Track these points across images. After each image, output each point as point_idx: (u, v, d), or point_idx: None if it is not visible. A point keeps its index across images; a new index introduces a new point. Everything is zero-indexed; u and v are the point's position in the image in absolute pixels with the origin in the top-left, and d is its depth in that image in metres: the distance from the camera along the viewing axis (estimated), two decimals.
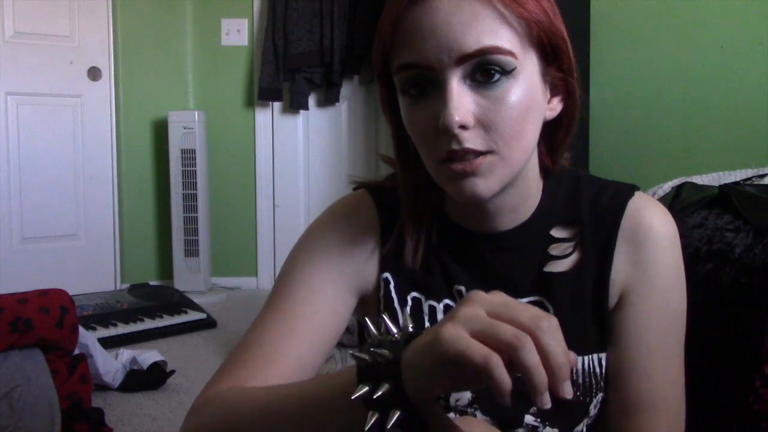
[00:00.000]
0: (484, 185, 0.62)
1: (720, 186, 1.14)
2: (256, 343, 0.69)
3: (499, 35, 0.59)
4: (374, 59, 0.67)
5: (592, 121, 2.40)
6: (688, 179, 1.28)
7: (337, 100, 3.39)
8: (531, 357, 0.43)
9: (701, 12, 2.17)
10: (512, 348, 0.43)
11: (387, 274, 0.74)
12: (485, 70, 0.60)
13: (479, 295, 0.47)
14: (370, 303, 0.75)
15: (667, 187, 1.28)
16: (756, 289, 0.94)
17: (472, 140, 0.60)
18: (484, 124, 0.61)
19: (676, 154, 2.22)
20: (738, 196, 1.08)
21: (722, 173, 1.29)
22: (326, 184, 3.57)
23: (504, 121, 0.60)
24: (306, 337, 0.69)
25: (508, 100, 0.60)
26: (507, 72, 0.60)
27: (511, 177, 0.64)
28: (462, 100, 0.59)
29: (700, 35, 2.18)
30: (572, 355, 0.45)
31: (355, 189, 0.79)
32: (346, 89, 3.43)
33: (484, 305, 0.46)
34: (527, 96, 0.62)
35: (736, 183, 1.19)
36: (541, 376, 0.43)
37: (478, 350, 0.43)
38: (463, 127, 0.60)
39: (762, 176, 1.21)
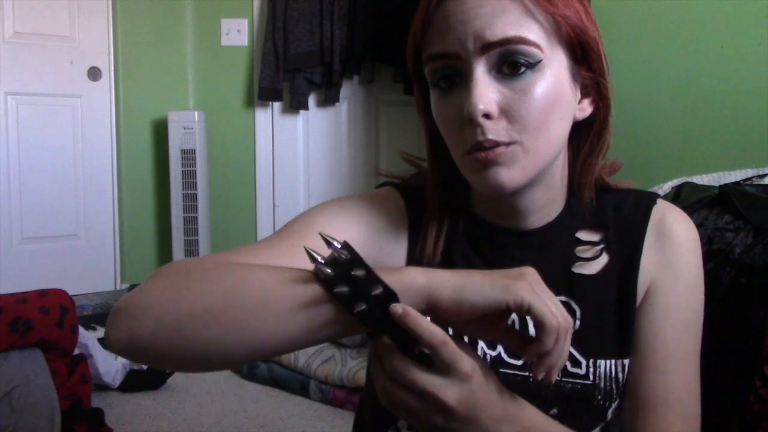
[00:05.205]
0: (506, 175, 0.62)
1: (720, 186, 1.14)
2: (234, 255, 0.63)
3: (525, 27, 0.61)
4: (407, 56, 0.68)
5: None
6: (688, 179, 1.28)
7: (337, 100, 3.38)
8: (567, 345, 0.54)
9: (701, 12, 2.16)
10: (562, 331, 0.53)
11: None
12: (511, 62, 0.61)
13: (534, 275, 0.54)
14: None
15: (667, 187, 1.28)
16: (756, 289, 0.94)
17: (495, 131, 0.61)
18: (507, 115, 0.62)
19: (676, 154, 2.22)
20: (738, 196, 1.08)
21: (722, 173, 1.29)
22: (326, 184, 3.57)
23: (528, 112, 0.61)
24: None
25: (533, 92, 0.61)
26: (532, 65, 0.61)
27: (536, 169, 0.64)
28: (486, 90, 0.61)
29: (700, 35, 2.17)
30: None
31: (379, 186, 0.79)
32: (346, 89, 3.43)
33: (535, 286, 0.53)
34: (554, 90, 0.62)
35: (736, 183, 1.19)
36: (563, 359, 0.54)
37: (556, 316, 0.52)
38: (487, 116, 0.61)
39: (762, 176, 1.21)
